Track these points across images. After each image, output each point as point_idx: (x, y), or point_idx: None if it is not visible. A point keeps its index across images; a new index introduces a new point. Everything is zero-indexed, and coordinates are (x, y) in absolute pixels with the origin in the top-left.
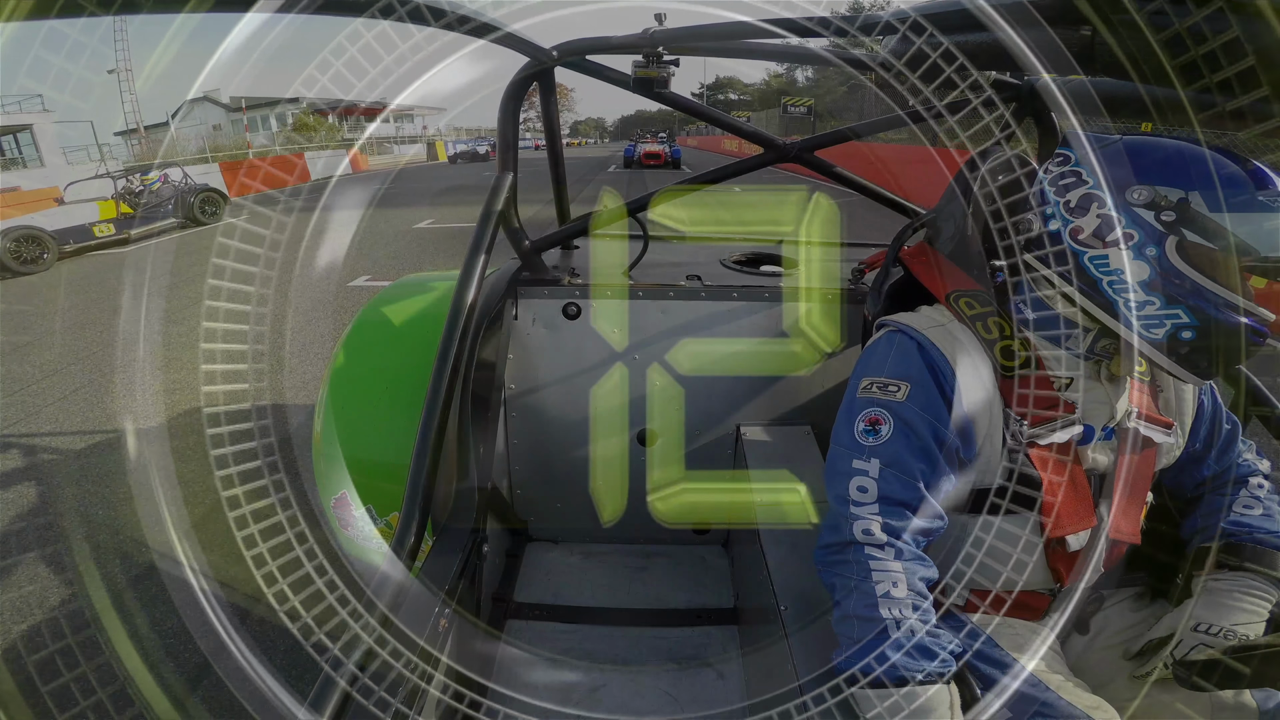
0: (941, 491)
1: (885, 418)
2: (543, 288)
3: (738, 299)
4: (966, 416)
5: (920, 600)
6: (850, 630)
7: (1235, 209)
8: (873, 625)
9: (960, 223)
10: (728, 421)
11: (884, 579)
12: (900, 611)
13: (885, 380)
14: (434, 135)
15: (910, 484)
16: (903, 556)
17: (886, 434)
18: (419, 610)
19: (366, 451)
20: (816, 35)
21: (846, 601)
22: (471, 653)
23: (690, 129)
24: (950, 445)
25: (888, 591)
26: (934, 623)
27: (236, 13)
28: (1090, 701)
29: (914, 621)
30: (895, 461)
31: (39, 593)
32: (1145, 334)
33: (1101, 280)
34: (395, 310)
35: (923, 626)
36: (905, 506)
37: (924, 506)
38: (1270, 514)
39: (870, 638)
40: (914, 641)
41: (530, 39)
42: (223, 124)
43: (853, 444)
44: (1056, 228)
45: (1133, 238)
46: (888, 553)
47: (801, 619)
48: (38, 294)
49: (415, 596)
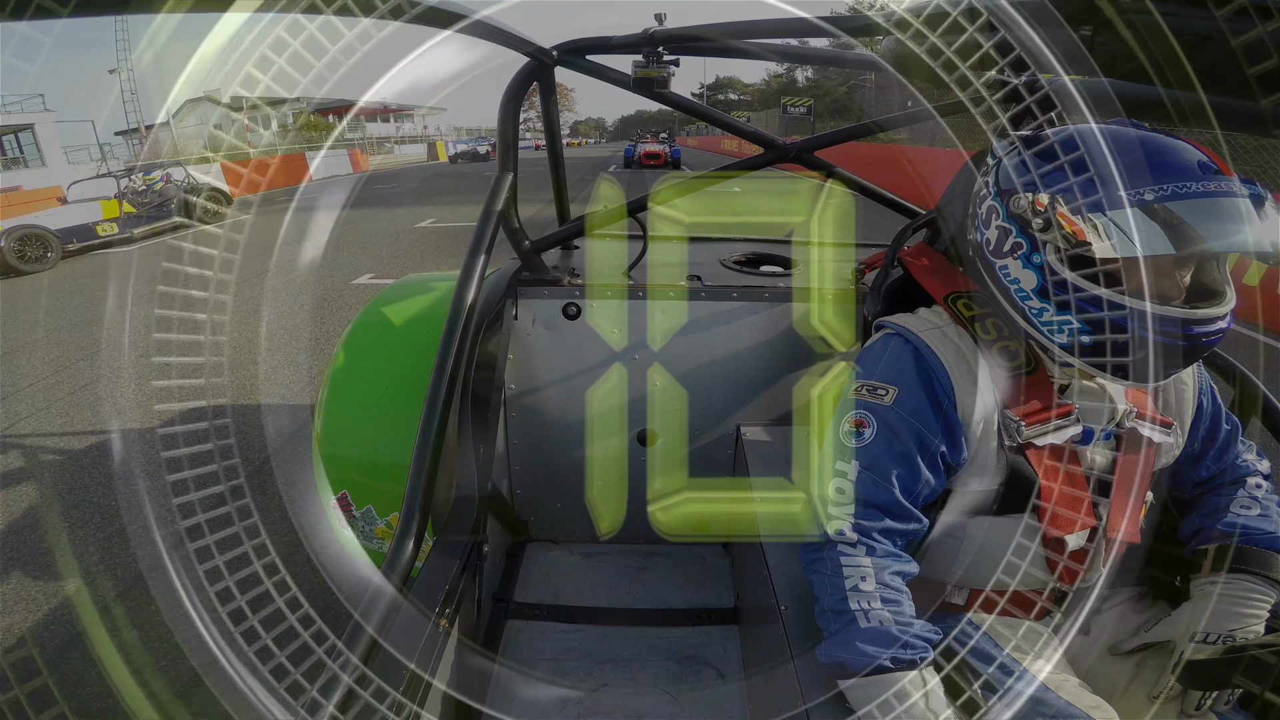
0: (921, 496)
1: (870, 421)
2: (543, 288)
3: (738, 299)
4: (958, 421)
5: (891, 593)
6: (827, 624)
7: (1110, 207)
8: (844, 618)
9: (960, 223)
10: (728, 422)
11: (853, 574)
12: (868, 604)
13: (875, 384)
14: (434, 135)
15: (885, 488)
16: (874, 553)
17: (869, 437)
18: (414, 622)
19: (366, 451)
20: (878, 32)
21: (823, 597)
22: (470, 657)
23: (690, 129)
24: (934, 451)
25: (856, 585)
26: (911, 615)
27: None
28: (1090, 701)
29: (883, 612)
30: (874, 465)
31: (26, 596)
32: (1052, 340)
33: (1010, 290)
34: (395, 310)
35: (891, 617)
36: (879, 509)
37: (898, 510)
38: (1268, 514)
39: (841, 630)
40: (883, 631)
41: (530, 39)
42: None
43: (837, 445)
44: (978, 240)
45: (1021, 247)
46: (859, 549)
47: (802, 619)
48: (42, 291)
49: (412, 602)
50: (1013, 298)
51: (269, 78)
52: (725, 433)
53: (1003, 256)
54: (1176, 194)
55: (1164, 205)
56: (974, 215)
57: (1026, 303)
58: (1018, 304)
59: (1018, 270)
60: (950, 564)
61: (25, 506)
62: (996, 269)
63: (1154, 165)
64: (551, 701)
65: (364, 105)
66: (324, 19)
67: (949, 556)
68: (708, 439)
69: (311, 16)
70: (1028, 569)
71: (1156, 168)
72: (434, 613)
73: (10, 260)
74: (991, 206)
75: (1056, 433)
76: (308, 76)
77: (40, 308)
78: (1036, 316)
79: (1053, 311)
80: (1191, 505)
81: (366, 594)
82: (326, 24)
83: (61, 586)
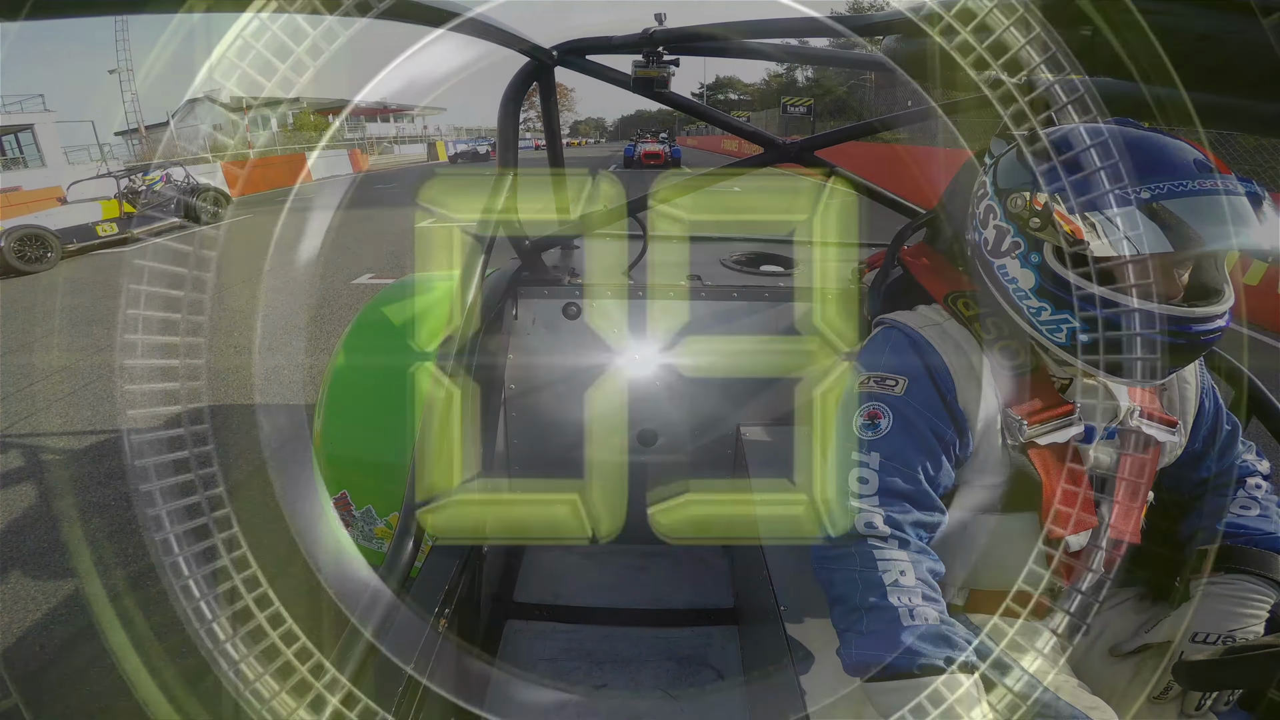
0: (940, 486)
1: (884, 412)
2: (543, 288)
3: (738, 299)
4: (962, 415)
5: (930, 591)
6: (858, 623)
7: (1107, 206)
8: (885, 614)
9: (960, 223)
10: (728, 421)
11: (890, 568)
12: (911, 599)
13: (883, 375)
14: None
15: (911, 476)
16: (908, 548)
17: (885, 428)
18: (413, 622)
19: (366, 451)
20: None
21: (851, 595)
22: (469, 658)
23: (690, 129)
24: (948, 441)
25: (896, 580)
26: (949, 617)
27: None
28: (1089, 702)
29: (928, 610)
30: (896, 455)
31: (38, 592)
32: (1050, 339)
33: (1008, 289)
34: (395, 310)
35: (937, 615)
36: (906, 499)
37: (924, 500)
38: (1267, 515)
39: (884, 627)
40: (933, 629)
41: (530, 39)
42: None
43: (852, 438)
44: (976, 240)
45: (1019, 246)
46: (891, 543)
47: (802, 619)
48: (43, 290)
49: (411, 604)
50: (1011, 297)
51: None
52: (725, 433)
53: (1001, 256)
54: (1174, 192)
55: (1161, 204)
56: (973, 214)
57: (1025, 302)
58: (1016, 303)
59: (1016, 269)
60: (952, 564)
61: (25, 506)
62: (995, 268)
63: (1151, 164)
64: (551, 702)
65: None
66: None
67: (950, 556)
68: (708, 439)
69: (311, 16)
70: (1028, 568)
71: (1154, 167)
72: (433, 613)
73: (10, 260)
74: (990, 206)
75: (1058, 432)
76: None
77: (40, 306)
78: (1035, 316)
79: (1051, 311)
80: (1192, 505)
81: (366, 594)
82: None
83: (61, 586)
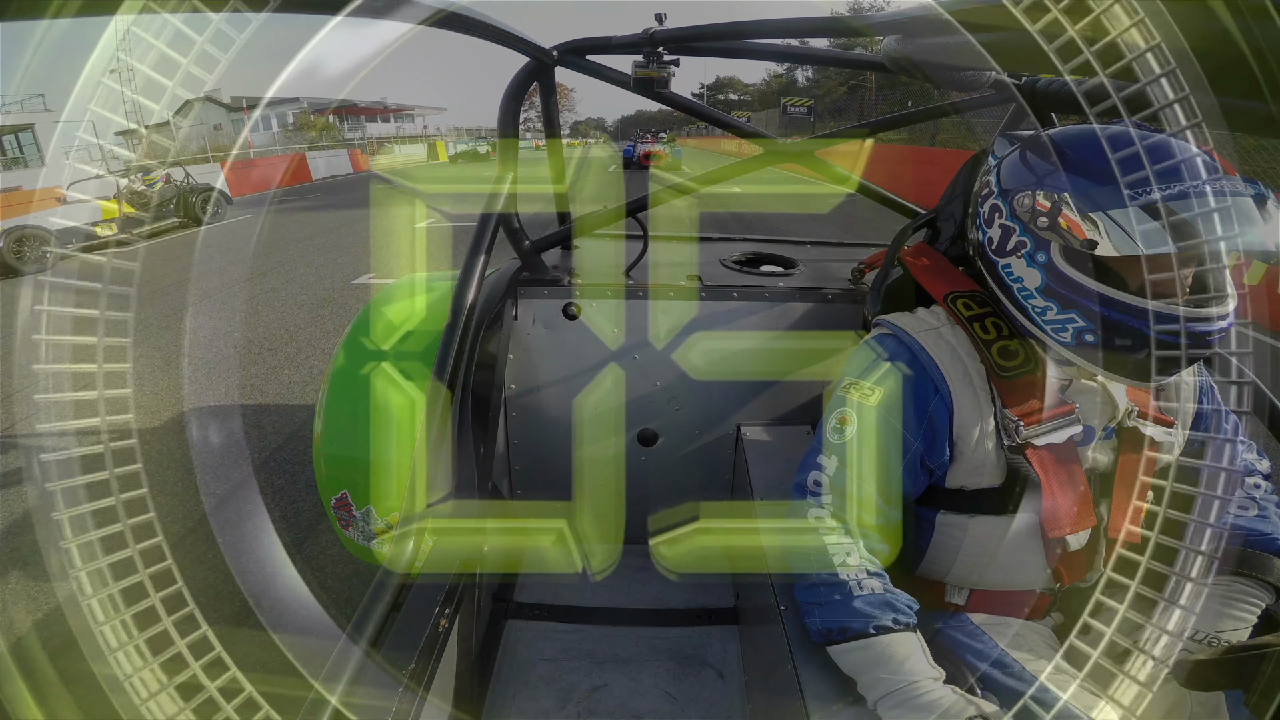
0: (895, 495)
1: (853, 418)
2: (543, 288)
3: (738, 299)
4: (945, 423)
5: (873, 567)
6: (816, 595)
7: (1113, 206)
8: (839, 588)
9: (960, 223)
10: (728, 421)
11: (838, 551)
12: (858, 575)
13: (861, 383)
14: (434, 135)
15: (863, 484)
16: (851, 535)
17: (851, 434)
18: (414, 622)
19: (366, 451)
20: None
21: (808, 574)
22: (470, 657)
23: (690, 129)
24: (914, 453)
25: (843, 560)
26: (891, 588)
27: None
28: (1089, 702)
29: (873, 581)
30: (854, 462)
31: None
32: (1055, 339)
33: (1013, 289)
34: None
35: (881, 586)
36: (855, 501)
37: (873, 503)
38: (1265, 516)
39: (839, 599)
40: (879, 596)
41: (530, 39)
42: (223, 124)
43: (821, 440)
44: (979, 239)
45: (1025, 245)
46: (838, 530)
47: (801, 619)
48: None
49: (412, 603)
50: (1015, 296)
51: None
52: (725, 433)
53: (1005, 255)
54: (1179, 193)
55: (1166, 204)
56: (976, 214)
57: (1029, 301)
58: (1020, 303)
59: (1020, 269)
60: (950, 564)
61: (25, 507)
62: (999, 268)
63: (1156, 164)
64: (551, 702)
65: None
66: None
67: (949, 556)
68: (708, 439)
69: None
70: (1028, 569)
71: (1158, 167)
72: (434, 613)
73: (9, 260)
74: (994, 205)
75: (1056, 432)
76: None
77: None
78: (1039, 315)
79: (1056, 310)
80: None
81: (366, 594)
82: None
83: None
